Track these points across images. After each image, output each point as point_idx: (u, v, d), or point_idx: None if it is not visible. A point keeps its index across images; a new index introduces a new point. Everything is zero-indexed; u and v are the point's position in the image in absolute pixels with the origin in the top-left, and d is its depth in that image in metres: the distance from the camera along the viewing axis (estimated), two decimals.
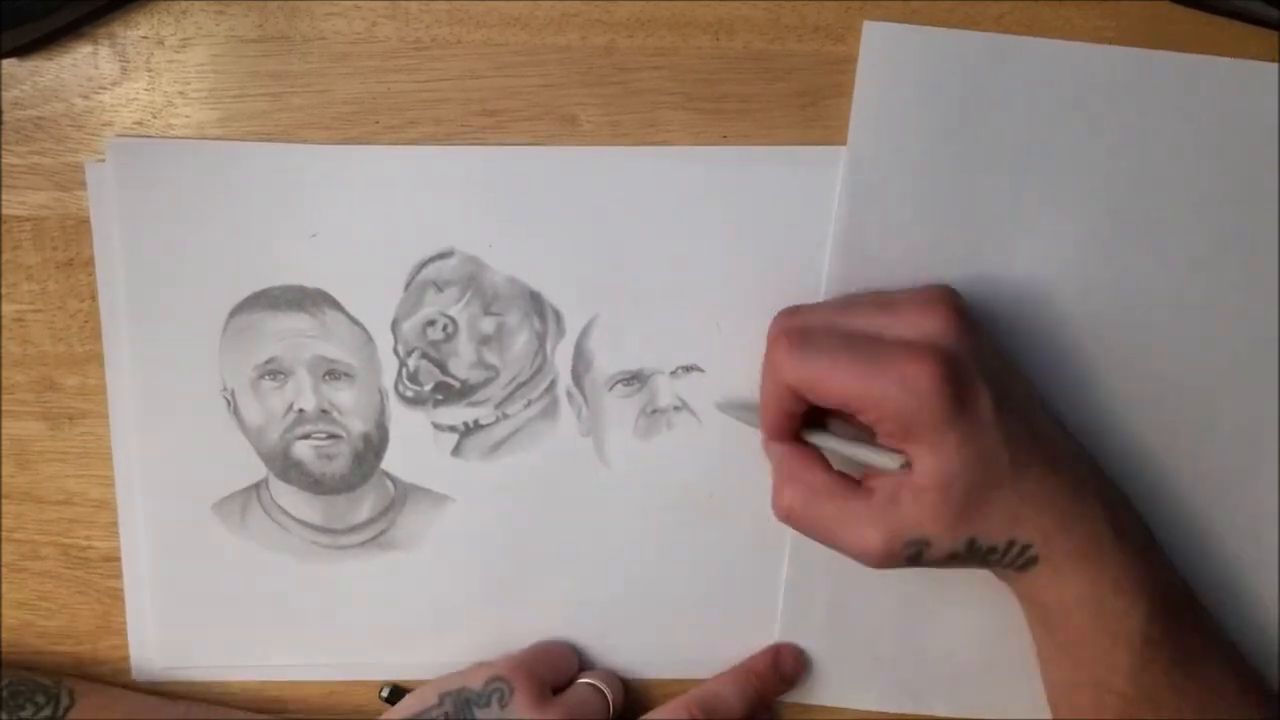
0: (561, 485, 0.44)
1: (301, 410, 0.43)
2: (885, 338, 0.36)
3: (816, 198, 0.42)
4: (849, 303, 0.39)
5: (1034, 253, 0.42)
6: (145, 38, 0.41)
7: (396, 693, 0.45)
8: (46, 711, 0.42)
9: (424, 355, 0.43)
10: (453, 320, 0.43)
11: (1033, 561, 0.37)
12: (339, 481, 0.44)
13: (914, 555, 0.37)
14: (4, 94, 0.42)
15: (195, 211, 0.42)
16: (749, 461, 0.43)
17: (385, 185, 0.42)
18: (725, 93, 0.42)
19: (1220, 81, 0.41)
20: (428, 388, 0.43)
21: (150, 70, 0.41)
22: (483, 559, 0.45)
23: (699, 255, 0.42)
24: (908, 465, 0.36)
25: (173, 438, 0.44)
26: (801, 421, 0.40)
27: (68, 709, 0.42)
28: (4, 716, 0.41)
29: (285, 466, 0.44)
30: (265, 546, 0.45)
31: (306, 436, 0.44)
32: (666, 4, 0.41)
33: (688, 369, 0.43)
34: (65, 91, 0.42)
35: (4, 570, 0.45)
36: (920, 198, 0.41)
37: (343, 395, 0.43)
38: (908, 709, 0.46)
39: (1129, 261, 0.42)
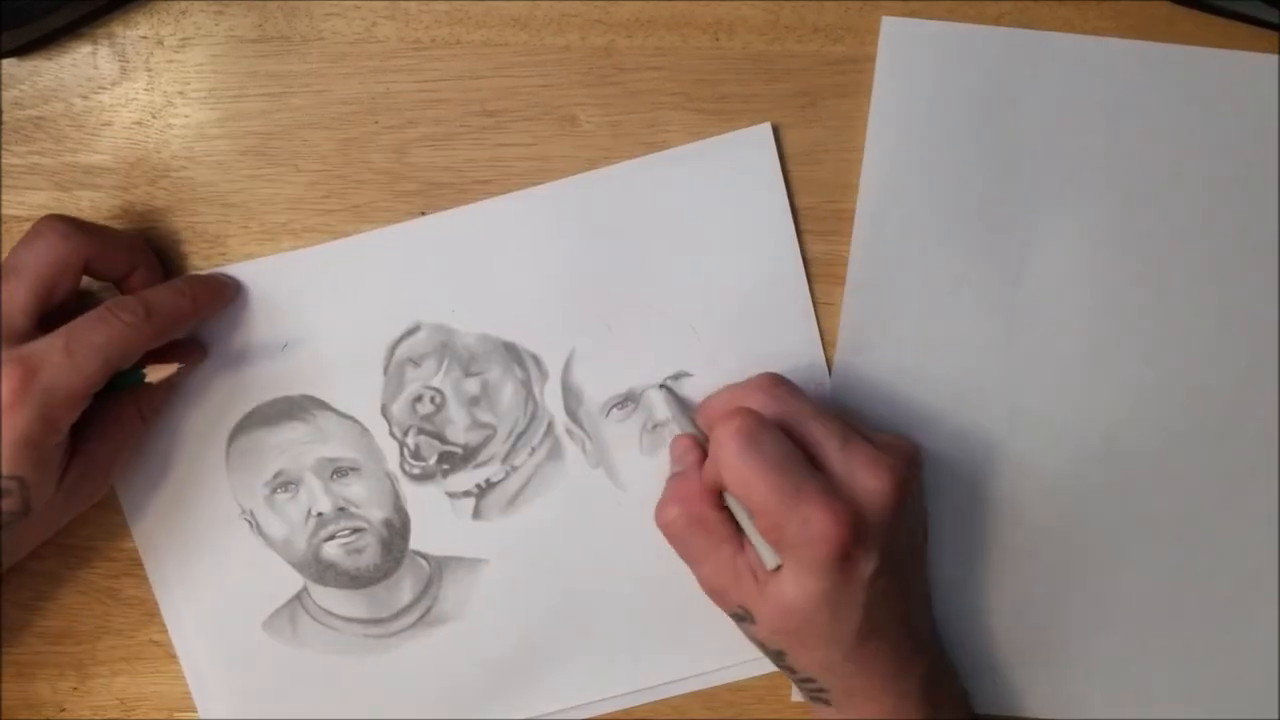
0: (585, 520, 0.44)
1: (320, 514, 0.44)
2: (823, 466, 0.38)
3: (757, 180, 0.42)
4: (823, 413, 0.39)
5: (1048, 244, 0.42)
6: (145, 38, 0.41)
7: None
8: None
9: (420, 431, 0.43)
10: (438, 391, 0.43)
11: (824, 703, 0.40)
12: (374, 571, 0.44)
13: (738, 617, 0.39)
14: (4, 94, 0.42)
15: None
16: None
17: (338, 281, 0.43)
18: (725, 93, 0.42)
19: (1237, 75, 0.41)
20: (432, 461, 0.44)
21: (150, 70, 0.41)
22: (529, 609, 0.45)
23: (659, 267, 0.42)
24: (779, 568, 0.38)
25: (207, 567, 0.44)
26: None
27: None
28: None
29: (320, 570, 0.44)
30: (321, 651, 0.45)
31: (332, 537, 0.44)
32: (666, 4, 0.41)
33: (676, 377, 0.43)
34: (65, 91, 0.42)
35: (4, 570, 0.45)
36: (936, 192, 0.42)
37: (354, 489, 0.44)
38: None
39: (1143, 254, 0.42)
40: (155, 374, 0.40)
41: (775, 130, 0.42)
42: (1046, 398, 0.43)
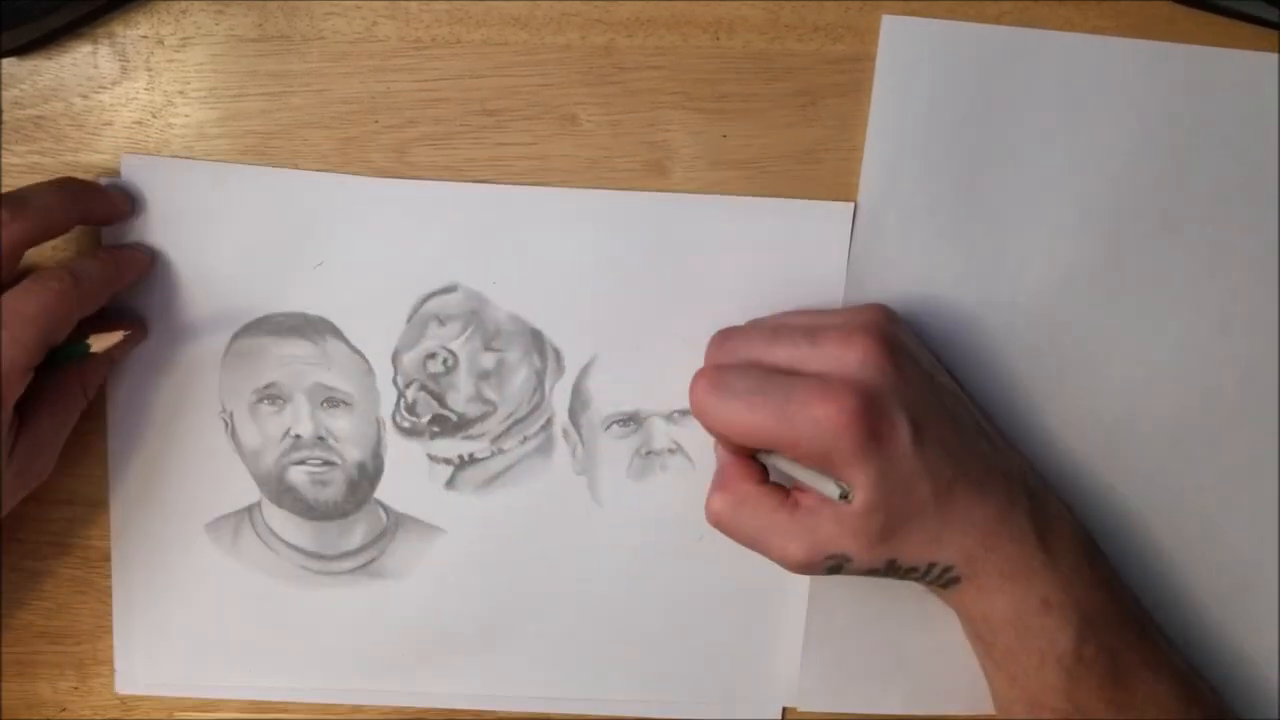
0: (553, 522, 0.44)
1: (298, 436, 0.44)
2: (804, 370, 0.37)
3: (823, 253, 0.42)
4: (778, 325, 0.39)
5: (1049, 243, 0.42)
6: (145, 37, 0.41)
7: None
8: None
9: (423, 387, 0.43)
10: (453, 354, 0.43)
11: (955, 581, 0.38)
12: (332, 508, 0.44)
13: (834, 568, 0.38)
14: (4, 94, 0.42)
15: (205, 233, 0.42)
16: None
17: (392, 218, 0.42)
18: (725, 92, 0.42)
19: (1237, 74, 0.41)
20: (425, 419, 0.43)
21: (150, 70, 0.41)
22: (471, 592, 0.45)
23: (701, 302, 0.42)
24: (846, 496, 0.37)
25: (169, 455, 0.44)
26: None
27: None
28: None
29: (279, 491, 0.44)
30: (255, 569, 0.45)
31: (302, 462, 0.44)
32: (666, 4, 0.41)
33: (684, 413, 0.43)
34: (65, 91, 0.42)
35: (4, 570, 0.45)
36: (936, 191, 0.42)
37: (340, 423, 0.44)
38: (929, 710, 0.46)
39: (1143, 253, 0.42)
40: (99, 344, 0.39)
41: (854, 210, 0.42)
42: (1046, 397, 0.43)
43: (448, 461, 0.44)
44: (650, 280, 0.42)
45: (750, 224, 0.42)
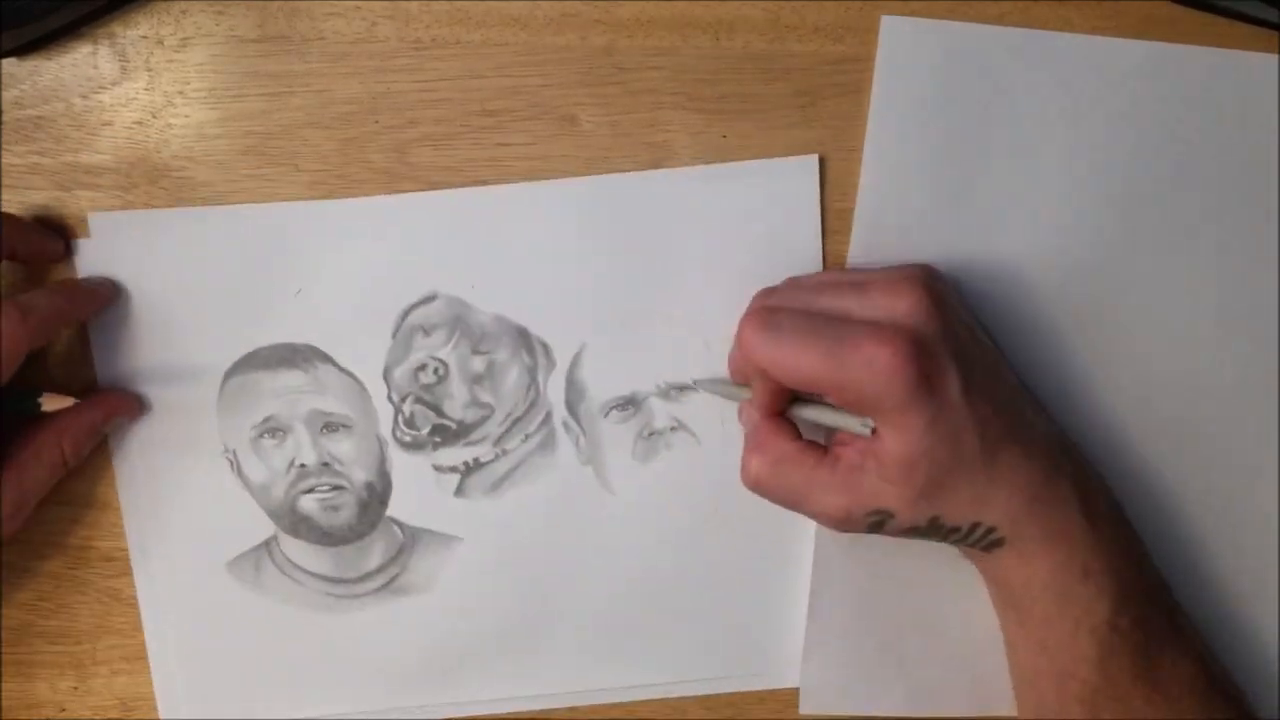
0: (566, 515, 0.44)
1: (303, 465, 0.44)
2: (853, 318, 0.36)
3: (795, 209, 0.42)
4: (822, 281, 0.39)
5: (1048, 244, 0.42)
6: (145, 37, 0.41)
7: None
8: None
9: (418, 400, 0.43)
10: (443, 363, 0.43)
11: (998, 544, 0.37)
12: (347, 532, 0.44)
13: (876, 524, 0.37)
14: (4, 94, 0.42)
15: (181, 278, 0.42)
16: None
17: (364, 236, 0.42)
18: (725, 93, 0.42)
19: (1237, 75, 0.41)
20: (425, 431, 0.44)
21: (150, 70, 0.41)
22: (496, 594, 0.45)
23: (681, 276, 0.42)
24: (875, 430, 0.36)
25: (182, 502, 0.44)
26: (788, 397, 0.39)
27: None
28: None
29: (293, 522, 0.44)
30: (281, 601, 0.45)
31: (311, 490, 0.44)
32: (666, 4, 0.41)
33: (681, 389, 0.43)
34: (65, 91, 0.42)
35: (4, 570, 0.45)
36: (937, 190, 0.42)
37: (342, 446, 0.44)
38: (929, 711, 0.46)
39: (1143, 253, 0.42)
40: (51, 404, 0.39)
41: (821, 162, 0.42)
42: (1046, 398, 0.43)
43: (453, 469, 0.44)
44: (627, 260, 0.42)
45: (720, 191, 0.42)
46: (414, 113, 0.42)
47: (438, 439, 0.44)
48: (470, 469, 0.44)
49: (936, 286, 0.37)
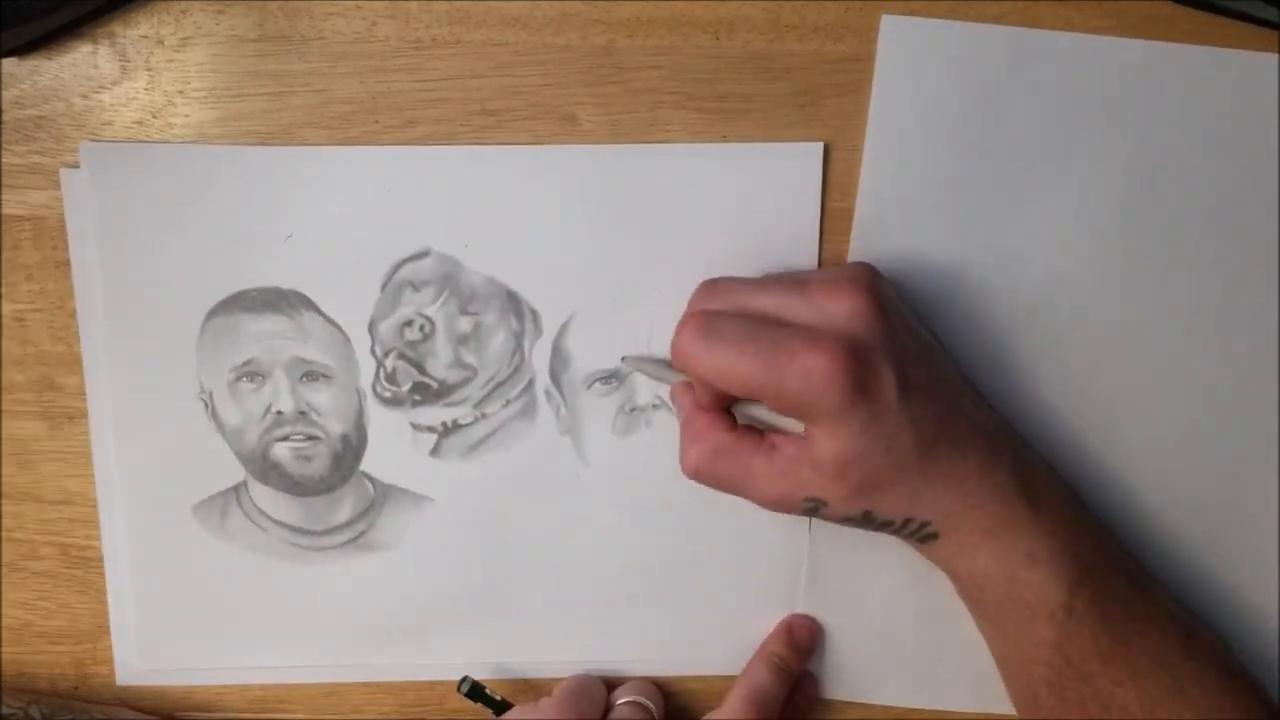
0: (540, 484, 0.44)
1: (280, 412, 0.43)
2: (791, 322, 0.36)
3: (794, 193, 0.42)
4: (764, 282, 0.39)
5: (1049, 242, 0.42)
6: (145, 37, 0.41)
7: (476, 689, 0.44)
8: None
9: (401, 356, 0.43)
10: (430, 320, 0.43)
11: (932, 537, 0.38)
12: (318, 483, 0.44)
13: (811, 510, 0.38)
14: (4, 94, 0.42)
15: (171, 214, 0.42)
16: None
17: (361, 186, 0.42)
18: (725, 92, 0.41)
19: (1239, 74, 0.41)
20: (405, 388, 0.43)
21: (150, 70, 0.41)
22: (463, 558, 0.45)
23: (676, 252, 0.42)
24: (808, 431, 0.37)
25: (151, 440, 0.44)
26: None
27: None
28: None
29: (264, 468, 0.44)
30: (245, 548, 0.45)
31: (285, 438, 0.44)
32: (666, 4, 0.41)
33: (665, 363, 0.43)
34: (65, 91, 0.42)
35: (4, 570, 0.45)
36: (936, 191, 0.42)
37: (321, 396, 0.43)
38: (926, 704, 0.46)
39: (1143, 254, 0.42)
40: None
41: (826, 150, 0.42)
42: (1047, 397, 0.43)
43: (431, 429, 0.44)
44: (623, 234, 0.42)
45: (721, 170, 0.42)
46: (414, 113, 0.42)
47: (418, 397, 0.43)
48: (448, 430, 0.44)
49: (878, 286, 0.37)
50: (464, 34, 0.41)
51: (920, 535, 0.38)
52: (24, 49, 0.41)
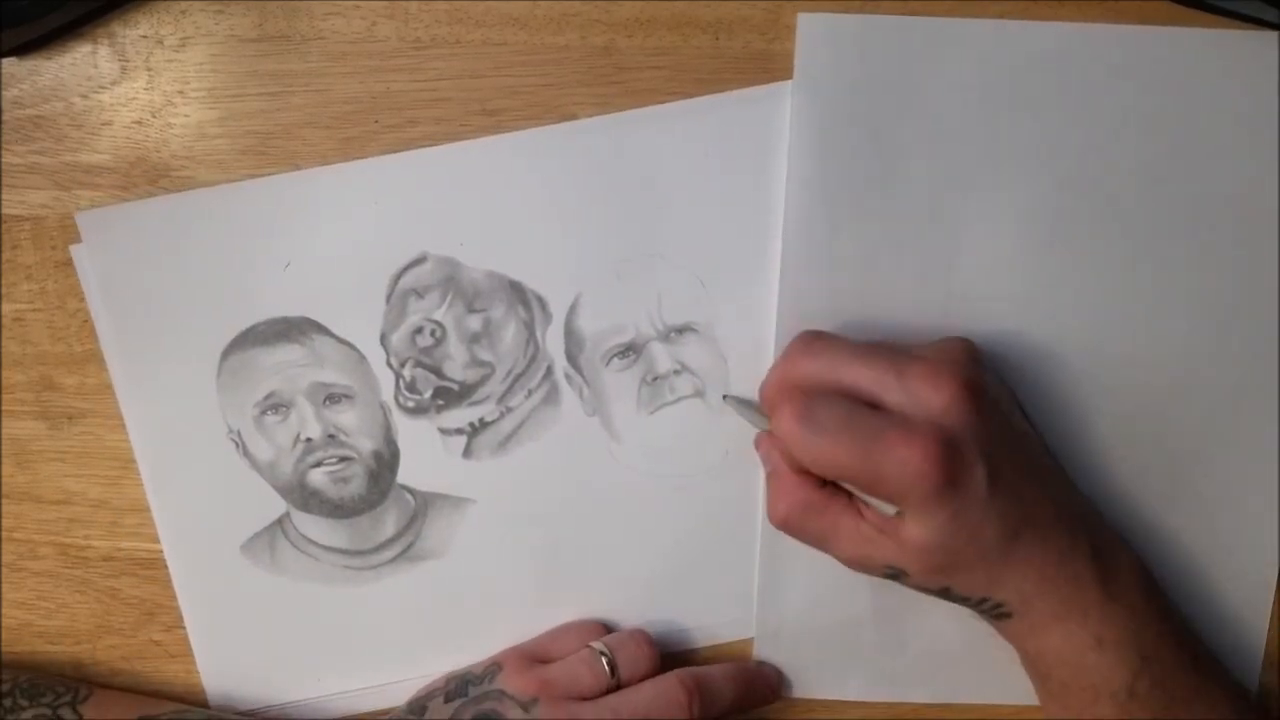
0: (576, 467, 0.44)
1: (309, 439, 0.44)
2: (887, 406, 0.37)
3: (769, 136, 0.41)
4: (861, 351, 0.39)
5: (978, 230, 0.42)
6: (145, 37, 0.41)
7: None
8: (66, 698, 0.42)
9: (418, 364, 0.43)
10: (439, 324, 0.43)
11: (1006, 616, 0.39)
12: (358, 502, 0.44)
13: (890, 576, 0.39)
14: (4, 93, 0.42)
15: (171, 265, 0.42)
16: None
17: (348, 203, 0.42)
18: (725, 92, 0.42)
19: (1164, 53, 0.41)
20: (427, 395, 0.43)
21: (150, 69, 0.41)
22: (513, 552, 0.45)
23: (669, 215, 0.42)
24: (901, 514, 0.38)
25: (190, 488, 0.44)
26: None
27: (86, 697, 0.43)
28: (25, 703, 0.42)
29: (304, 497, 0.44)
30: (299, 579, 0.45)
31: (319, 464, 0.44)
32: (666, 4, 0.41)
33: (681, 331, 0.43)
34: (65, 91, 0.42)
35: (4, 570, 0.45)
36: (864, 190, 0.41)
37: (346, 417, 0.43)
38: (888, 697, 0.46)
39: (1076, 238, 0.42)
40: None
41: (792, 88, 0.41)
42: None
43: (459, 431, 0.44)
44: (615, 206, 0.42)
45: (696, 124, 0.41)
46: (414, 112, 0.42)
47: (441, 401, 0.43)
48: (476, 429, 0.44)
49: (975, 375, 0.38)
50: (464, 34, 0.41)
51: (995, 614, 0.39)
52: (24, 49, 0.41)
